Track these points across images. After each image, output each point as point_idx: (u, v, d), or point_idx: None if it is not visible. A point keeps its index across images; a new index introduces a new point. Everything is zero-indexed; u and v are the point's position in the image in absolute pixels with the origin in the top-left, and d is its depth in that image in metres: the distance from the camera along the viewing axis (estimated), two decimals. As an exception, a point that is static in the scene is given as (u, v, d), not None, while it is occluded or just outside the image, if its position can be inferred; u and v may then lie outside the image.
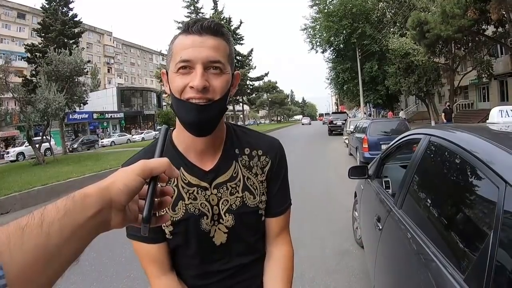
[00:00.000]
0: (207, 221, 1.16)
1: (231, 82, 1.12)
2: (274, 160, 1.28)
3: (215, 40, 1.06)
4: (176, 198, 1.16)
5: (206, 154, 1.19)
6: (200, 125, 1.06)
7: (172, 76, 1.07)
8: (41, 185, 10.58)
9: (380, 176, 3.78)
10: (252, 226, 1.24)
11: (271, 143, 1.31)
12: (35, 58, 25.48)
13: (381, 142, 11.42)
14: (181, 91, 1.04)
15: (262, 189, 1.24)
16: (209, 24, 1.06)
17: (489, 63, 25.17)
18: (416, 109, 45.38)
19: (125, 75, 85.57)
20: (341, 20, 35.36)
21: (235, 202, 1.19)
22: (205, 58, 1.03)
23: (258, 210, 1.23)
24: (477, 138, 1.74)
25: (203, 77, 1.01)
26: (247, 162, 1.23)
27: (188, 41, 1.05)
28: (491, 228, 1.28)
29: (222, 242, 1.19)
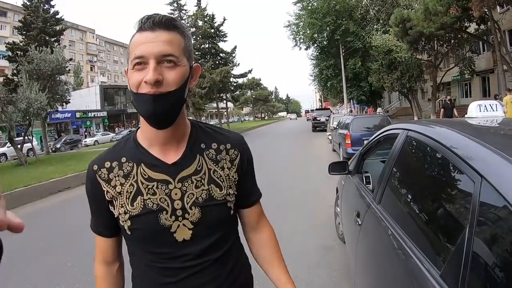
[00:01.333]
0: (166, 216, 1.15)
1: (189, 74, 1.15)
2: (242, 153, 1.31)
3: (168, 34, 1.08)
4: (134, 194, 1.16)
5: (170, 147, 1.20)
6: (156, 114, 1.08)
7: (130, 73, 1.10)
8: (23, 186, 10.46)
9: (361, 172, 3.79)
10: (220, 220, 1.22)
11: (238, 137, 1.34)
12: (16, 57, 25.03)
13: (364, 138, 11.50)
14: (137, 87, 1.07)
15: (229, 182, 1.25)
16: (161, 19, 1.09)
17: (471, 60, 25.54)
18: (399, 105, 45.78)
19: (108, 73, 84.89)
20: (325, 17, 35.47)
21: (201, 195, 1.18)
22: (157, 52, 1.05)
23: (226, 203, 1.23)
24: (454, 132, 1.74)
25: (155, 71, 1.04)
26: (214, 156, 1.24)
27: (142, 37, 1.08)
28: (467, 222, 1.28)
29: (185, 238, 1.16)
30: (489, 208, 1.22)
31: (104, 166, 1.20)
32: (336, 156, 14.26)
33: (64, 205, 9.48)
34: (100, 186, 1.20)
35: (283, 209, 6.67)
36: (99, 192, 1.20)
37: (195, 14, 42.99)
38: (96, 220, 1.28)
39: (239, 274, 1.31)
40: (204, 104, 41.23)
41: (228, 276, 1.25)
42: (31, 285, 4.46)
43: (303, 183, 9.40)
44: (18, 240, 6.45)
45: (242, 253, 1.39)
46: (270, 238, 1.44)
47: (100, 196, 1.20)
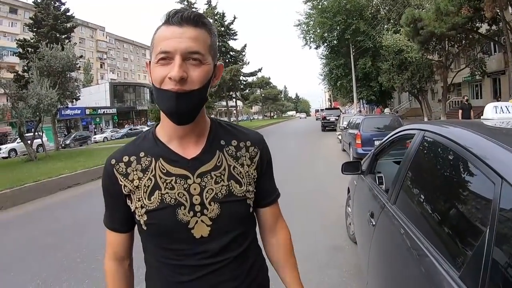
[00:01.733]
0: (184, 211, 1.14)
1: (212, 73, 1.14)
2: (262, 151, 1.30)
3: (195, 31, 1.07)
4: (152, 188, 1.16)
5: (189, 143, 1.20)
6: (178, 113, 1.08)
7: (153, 66, 1.09)
8: (33, 182, 10.52)
9: (374, 172, 3.77)
10: (239, 216, 1.21)
11: (257, 135, 1.34)
12: (27, 53, 25.23)
13: (374, 138, 11.47)
14: (161, 82, 1.06)
15: (249, 179, 1.24)
16: (189, 15, 1.07)
17: (483, 61, 25.29)
18: (409, 106, 45.54)
19: (118, 70, 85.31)
20: (335, 16, 35.37)
21: (221, 190, 1.17)
22: (183, 49, 1.04)
23: (246, 200, 1.22)
24: (472, 133, 1.72)
25: (181, 68, 1.03)
26: (234, 152, 1.24)
27: (168, 32, 1.06)
28: (487, 224, 1.26)
29: (202, 235, 1.15)
30: (510, 210, 1.20)
31: (122, 160, 1.20)
32: (346, 156, 14.23)
33: (73, 200, 9.55)
34: (117, 180, 1.20)
35: (293, 208, 6.65)
36: (116, 187, 1.20)
37: (205, 12, 42.97)
38: (111, 215, 1.29)
39: (258, 273, 1.30)
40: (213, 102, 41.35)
41: (248, 275, 1.24)
42: (40, 280, 4.48)
43: (312, 183, 9.37)
44: (27, 235, 6.50)
45: (260, 253, 1.38)
46: (286, 241, 1.43)
47: (118, 190, 1.20)
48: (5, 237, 6.55)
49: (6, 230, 7.10)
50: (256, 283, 1.28)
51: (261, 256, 1.38)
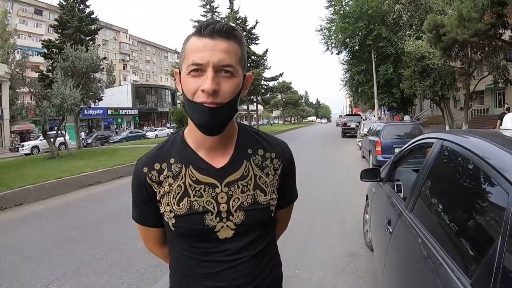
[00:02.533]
0: (211, 217, 1.19)
1: (242, 84, 1.17)
2: (285, 162, 1.35)
3: (227, 44, 1.09)
4: (181, 194, 1.21)
5: (217, 152, 1.24)
6: (210, 126, 1.12)
7: (184, 77, 1.11)
8: (55, 179, 10.72)
9: (392, 180, 3.77)
10: (261, 221, 1.27)
11: (282, 147, 1.37)
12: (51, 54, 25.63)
13: (395, 146, 11.37)
14: (193, 94, 1.09)
15: (273, 187, 1.29)
16: (222, 27, 1.09)
17: (506, 68, 24.83)
18: (430, 113, 44.95)
19: (140, 72, 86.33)
20: (357, 21, 35.27)
21: (247, 199, 1.22)
22: (216, 62, 1.06)
23: (269, 207, 1.27)
24: (490, 144, 1.74)
25: (213, 80, 1.06)
26: (260, 162, 1.28)
27: (201, 44, 1.08)
28: (499, 233, 1.28)
29: (226, 237, 1.22)
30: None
31: (154, 168, 1.24)
32: (366, 163, 14.15)
33: (94, 198, 9.67)
34: (152, 188, 1.24)
35: (311, 214, 6.66)
36: (151, 193, 1.25)
37: (228, 17, 43.16)
38: (144, 216, 1.33)
39: (273, 269, 1.36)
40: (234, 106, 41.36)
41: (263, 270, 1.29)
42: (60, 273, 4.58)
43: (331, 189, 9.35)
44: (49, 229, 6.64)
45: (277, 251, 1.44)
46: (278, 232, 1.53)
47: (152, 196, 1.26)
48: (27, 231, 6.69)
49: (28, 224, 7.25)
50: (270, 277, 1.33)
51: (277, 253, 1.44)
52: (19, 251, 5.54)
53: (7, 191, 9.10)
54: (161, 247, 1.42)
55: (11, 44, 47.59)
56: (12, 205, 8.86)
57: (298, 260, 4.66)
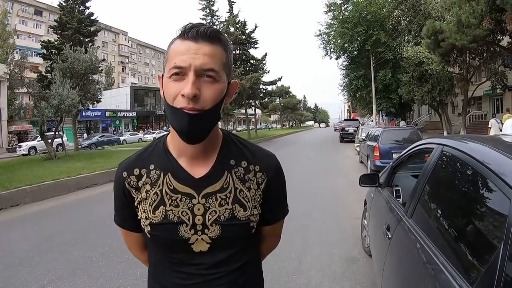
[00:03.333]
0: (186, 228, 1.15)
1: (226, 91, 1.12)
2: (271, 177, 1.27)
3: (211, 48, 1.05)
4: (157, 203, 1.17)
5: (198, 161, 1.19)
6: (189, 133, 1.07)
7: (166, 81, 1.07)
8: (52, 180, 10.70)
9: (391, 185, 3.76)
10: (239, 237, 1.22)
11: (268, 159, 1.30)
12: (50, 55, 25.63)
13: (393, 151, 11.38)
14: (173, 99, 1.04)
15: (254, 202, 1.23)
16: (205, 31, 1.05)
17: (504, 74, 24.92)
18: (428, 119, 45.04)
19: (139, 74, 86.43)
20: (356, 27, 35.29)
21: (224, 213, 1.17)
22: (198, 66, 1.02)
23: (249, 223, 1.21)
24: (490, 149, 1.73)
25: (194, 85, 1.01)
26: (242, 174, 1.22)
27: (184, 47, 1.05)
28: (501, 240, 1.27)
29: (201, 250, 1.18)
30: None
31: (134, 173, 1.21)
32: (364, 168, 14.16)
33: (90, 200, 9.66)
34: (130, 193, 1.22)
35: (309, 219, 6.63)
36: (129, 199, 1.23)
37: (227, 21, 43.14)
38: (124, 220, 1.30)
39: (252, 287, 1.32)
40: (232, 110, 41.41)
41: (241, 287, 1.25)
42: (56, 276, 4.55)
43: (329, 194, 9.33)
44: (45, 231, 6.61)
45: (259, 267, 1.40)
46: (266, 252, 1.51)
47: (130, 201, 1.23)
48: (23, 232, 6.67)
49: (24, 225, 7.23)
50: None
51: (259, 270, 1.40)
52: (14, 252, 5.51)
53: (4, 192, 9.07)
54: (142, 251, 1.39)
55: (10, 44, 47.61)
56: (8, 206, 8.83)
57: (295, 266, 4.63)
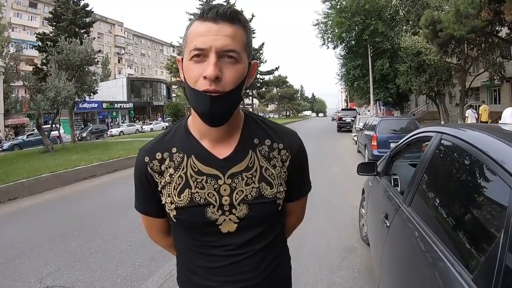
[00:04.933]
0: (213, 210, 1.15)
1: (247, 72, 1.11)
2: (294, 154, 1.26)
3: (231, 28, 1.04)
4: (182, 186, 1.16)
5: (222, 142, 1.18)
6: (212, 116, 1.06)
7: (186, 63, 1.06)
8: (49, 173, 10.69)
9: (389, 174, 3.75)
10: (266, 215, 1.21)
11: (291, 137, 1.29)
12: (46, 47, 25.50)
13: (390, 140, 11.39)
14: (195, 81, 1.03)
15: (280, 179, 1.22)
16: (225, 11, 1.03)
17: (502, 65, 24.89)
18: (426, 109, 45.07)
19: (136, 65, 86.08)
20: (354, 16, 35.21)
21: (251, 192, 1.16)
22: (219, 46, 1.01)
23: (276, 200, 1.21)
24: (490, 137, 1.72)
25: (216, 66, 1.00)
26: (266, 152, 1.21)
27: (203, 28, 1.03)
28: (501, 228, 1.26)
29: (229, 230, 1.17)
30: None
31: (156, 157, 1.19)
32: (361, 157, 14.17)
33: (88, 192, 9.65)
34: (153, 178, 1.20)
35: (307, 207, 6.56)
36: (152, 183, 1.21)
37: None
38: (147, 205, 1.29)
39: (278, 265, 1.31)
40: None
41: (268, 266, 1.25)
42: (54, 268, 4.56)
43: (327, 183, 9.33)
44: (43, 224, 6.61)
45: (285, 245, 1.40)
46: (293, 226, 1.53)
47: (153, 186, 1.21)
48: (21, 225, 6.67)
49: (22, 218, 7.23)
50: (276, 273, 1.29)
51: (285, 248, 1.40)
52: (13, 245, 5.51)
53: (1, 185, 9.06)
54: (165, 237, 1.38)
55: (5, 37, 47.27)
56: (6, 200, 8.81)
57: (293, 255, 4.58)
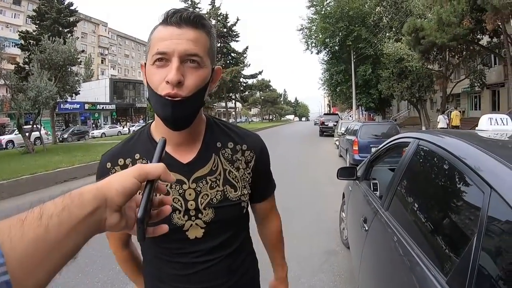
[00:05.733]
0: (179, 215, 1.14)
1: (210, 77, 1.10)
2: (259, 154, 1.29)
3: (194, 33, 1.03)
4: None
5: (184, 147, 1.18)
6: (174, 120, 1.05)
7: (149, 68, 1.05)
8: (30, 174, 10.51)
9: (369, 178, 3.81)
10: (232, 219, 1.22)
11: (254, 138, 1.31)
12: (28, 46, 25.28)
13: (371, 145, 11.48)
14: (157, 86, 1.02)
15: (244, 182, 1.24)
16: (189, 15, 1.03)
17: (482, 73, 25.43)
18: (407, 114, 45.66)
19: (119, 66, 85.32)
20: (338, 22, 35.45)
21: (216, 196, 1.17)
22: (182, 51, 1.00)
23: (240, 203, 1.22)
24: (465, 143, 1.76)
25: (178, 71, 0.99)
26: (229, 155, 1.22)
27: (166, 32, 1.02)
28: (475, 232, 1.30)
29: (196, 236, 1.16)
30: (497, 219, 1.25)
31: (118, 163, 1.19)
32: (343, 161, 14.26)
33: (69, 195, 9.47)
34: None
35: (288, 212, 6.60)
36: None
37: (209, 13, 43.05)
38: None
39: (247, 270, 1.32)
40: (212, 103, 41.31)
41: (236, 272, 1.26)
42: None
43: (308, 187, 9.39)
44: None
45: (251, 247, 1.41)
46: (277, 228, 1.52)
47: None
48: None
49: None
50: (246, 277, 1.30)
51: (252, 250, 1.41)
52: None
53: (-21, 186, 8.85)
54: (122, 249, 1.37)
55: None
56: (-16, 200, 8.62)
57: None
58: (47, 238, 0.54)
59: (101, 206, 0.63)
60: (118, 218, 0.67)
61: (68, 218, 0.58)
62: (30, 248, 0.52)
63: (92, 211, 0.61)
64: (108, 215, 0.65)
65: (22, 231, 0.52)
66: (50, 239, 0.55)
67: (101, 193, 0.63)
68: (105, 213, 0.64)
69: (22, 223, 0.53)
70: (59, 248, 0.57)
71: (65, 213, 0.58)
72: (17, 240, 0.51)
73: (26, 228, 0.53)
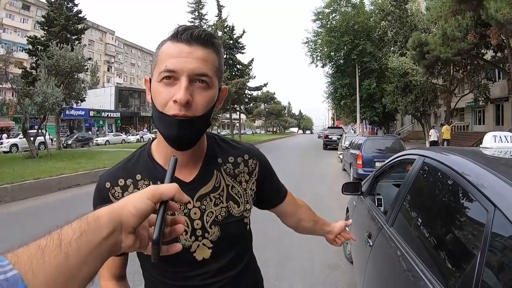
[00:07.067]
0: (186, 236, 1.12)
1: (216, 97, 1.08)
2: (260, 160, 1.31)
3: (204, 51, 1.01)
4: None
5: (187, 166, 1.15)
6: (180, 140, 1.03)
7: (155, 85, 1.01)
8: (33, 179, 10.56)
9: (373, 194, 3.81)
10: (237, 236, 1.21)
11: (253, 148, 1.33)
12: (36, 51, 25.38)
13: (375, 160, 11.49)
14: (164, 105, 0.99)
15: (246, 197, 1.23)
16: (200, 34, 1.00)
17: (486, 87, 25.46)
18: (411, 129, 45.62)
19: (125, 75, 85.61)
20: (343, 36, 35.70)
21: (221, 213, 1.16)
22: (191, 70, 0.97)
23: (243, 219, 1.22)
24: (470, 162, 1.78)
25: (187, 90, 0.96)
26: (231, 170, 1.22)
27: (176, 49, 0.99)
28: (479, 249, 1.32)
29: (204, 257, 1.14)
30: (501, 237, 1.27)
31: (118, 184, 1.15)
32: (346, 175, 14.25)
33: (72, 201, 9.51)
34: None
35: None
36: None
37: (215, 25, 43.13)
38: None
39: (255, 285, 1.34)
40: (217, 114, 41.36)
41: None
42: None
43: (312, 200, 9.32)
44: (25, 231, 6.51)
45: (256, 264, 1.40)
46: (307, 213, 1.58)
47: None
48: (1, 231, 6.56)
49: (2, 225, 7.12)
50: None
51: (257, 267, 1.40)
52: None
53: (-17, 190, 8.88)
54: (114, 283, 1.24)
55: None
56: (-12, 204, 8.65)
57: (278, 271, 4.67)
58: (67, 265, 0.57)
59: (117, 228, 0.65)
60: (133, 239, 0.68)
61: (86, 243, 0.60)
62: (51, 276, 0.54)
63: (108, 234, 0.63)
64: (123, 237, 0.67)
65: (43, 260, 0.54)
66: (70, 265, 0.57)
67: (116, 215, 0.65)
68: (120, 235, 0.66)
69: (42, 252, 0.55)
70: (79, 273, 0.59)
71: (83, 238, 0.60)
72: (39, 269, 0.53)
73: (47, 257, 0.55)
